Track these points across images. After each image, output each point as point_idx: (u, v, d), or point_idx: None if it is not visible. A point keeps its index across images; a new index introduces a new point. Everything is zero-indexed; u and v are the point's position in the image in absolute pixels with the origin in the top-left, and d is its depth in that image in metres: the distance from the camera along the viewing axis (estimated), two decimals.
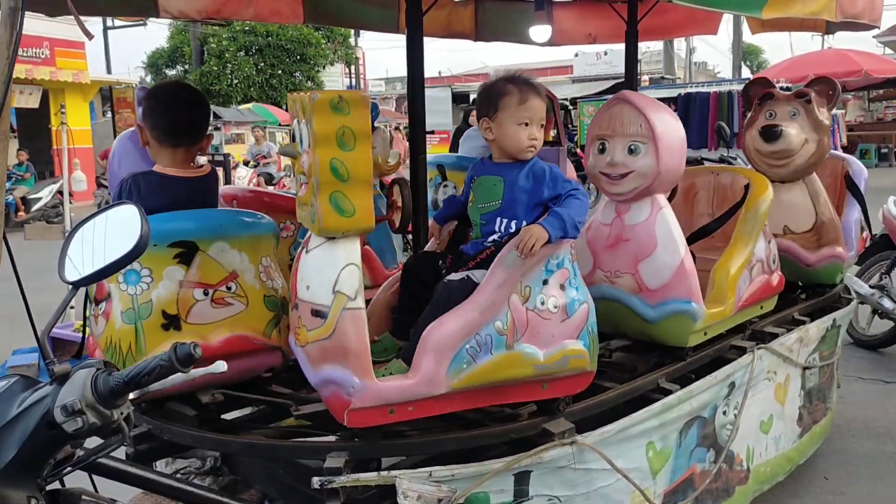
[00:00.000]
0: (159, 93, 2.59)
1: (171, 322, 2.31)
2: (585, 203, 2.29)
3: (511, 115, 2.35)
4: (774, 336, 3.31)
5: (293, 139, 2.09)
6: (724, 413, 2.98)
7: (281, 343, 2.52)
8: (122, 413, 1.33)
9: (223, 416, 2.54)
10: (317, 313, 2.06)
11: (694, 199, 3.63)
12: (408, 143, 3.15)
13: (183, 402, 2.43)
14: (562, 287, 2.30)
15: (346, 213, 1.97)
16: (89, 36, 1.96)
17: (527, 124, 2.36)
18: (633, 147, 2.73)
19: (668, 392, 2.71)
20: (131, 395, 1.35)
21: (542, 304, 2.24)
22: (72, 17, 3.10)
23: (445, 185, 4.18)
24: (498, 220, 2.38)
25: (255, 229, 2.53)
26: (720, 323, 2.97)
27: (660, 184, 2.76)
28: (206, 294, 2.36)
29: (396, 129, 22.13)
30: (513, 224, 2.34)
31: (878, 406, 4.58)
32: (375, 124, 4.63)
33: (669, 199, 3.00)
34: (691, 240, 3.17)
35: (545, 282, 2.26)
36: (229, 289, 2.40)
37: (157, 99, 2.52)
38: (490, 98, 2.40)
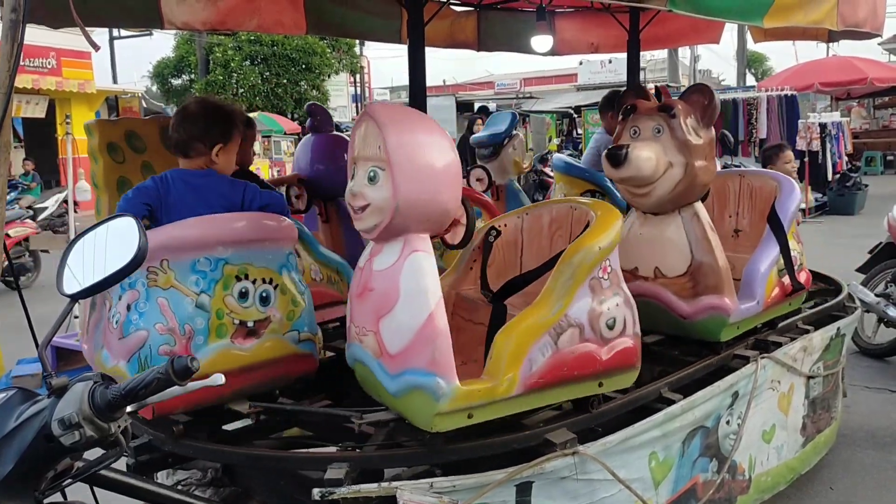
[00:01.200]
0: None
1: None
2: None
3: None
4: (778, 345, 3.31)
5: None
6: (728, 423, 2.96)
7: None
8: (119, 426, 1.34)
9: (224, 427, 2.54)
10: None
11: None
12: None
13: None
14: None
15: None
16: (95, 48, 1.98)
17: None
18: (372, 174, 2.15)
19: (670, 402, 2.70)
20: (129, 408, 1.35)
21: None
22: (77, 27, 3.14)
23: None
24: None
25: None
26: (488, 408, 2.23)
27: (406, 220, 2.14)
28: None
29: None
30: None
31: (884, 415, 4.55)
32: (514, 132, 4.98)
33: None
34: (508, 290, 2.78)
35: None
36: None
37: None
38: None
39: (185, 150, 2.53)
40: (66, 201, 10.86)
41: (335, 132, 3.92)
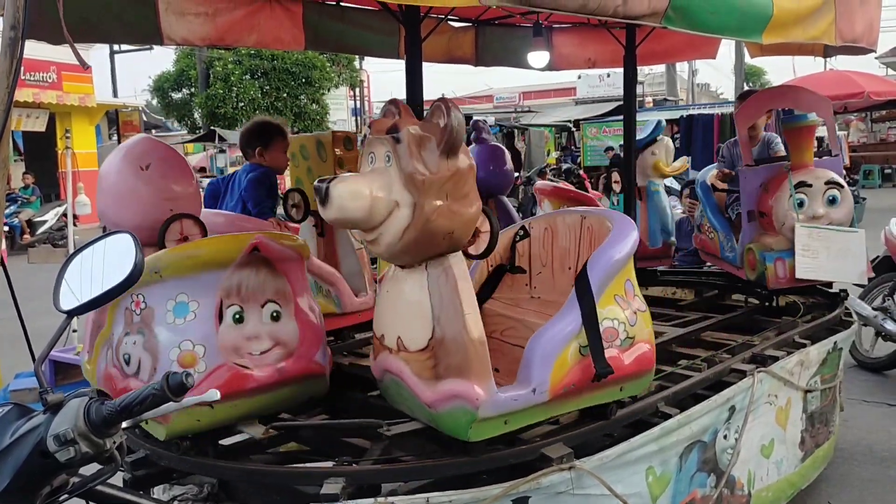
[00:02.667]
0: None
1: None
2: None
3: None
4: (775, 359, 3.31)
5: None
6: (725, 437, 2.96)
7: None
8: (114, 442, 1.34)
9: (220, 442, 2.54)
10: None
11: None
12: None
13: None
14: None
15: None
16: (85, 66, 1.99)
17: None
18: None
19: (667, 416, 2.70)
20: (124, 424, 1.35)
21: None
22: (80, 40, 3.16)
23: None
24: None
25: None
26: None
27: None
28: None
29: None
30: None
31: (882, 429, 4.55)
32: (659, 137, 5.18)
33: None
34: None
35: None
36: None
37: None
38: None
39: (244, 153, 3.85)
40: (65, 215, 10.89)
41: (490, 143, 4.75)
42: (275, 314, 2.42)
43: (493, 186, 4.60)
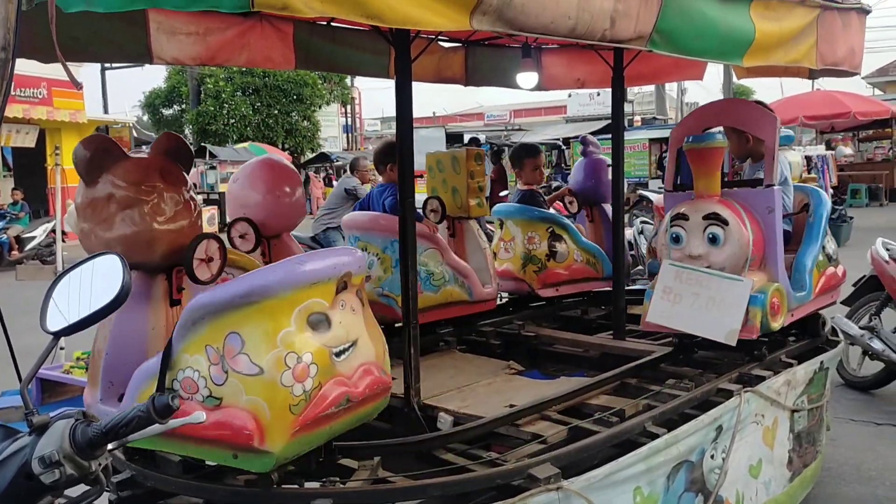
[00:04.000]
0: None
1: None
2: None
3: None
4: (761, 379, 3.32)
5: None
6: (712, 457, 2.97)
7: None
8: (100, 464, 1.34)
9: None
10: None
11: None
12: None
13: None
14: None
15: None
16: (77, 86, 2.00)
17: None
18: None
19: (654, 436, 2.71)
20: (109, 446, 1.35)
21: None
22: (71, 59, 3.17)
23: None
24: None
25: None
26: None
27: None
28: None
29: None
30: None
31: (869, 448, 4.56)
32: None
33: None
34: None
35: None
36: None
37: None
38: None
39: (377, 169, 4.56)
40: (54, 231, 10.84)
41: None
42: None
43: (596, 195, 5.30)
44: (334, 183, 18.86)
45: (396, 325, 3.63)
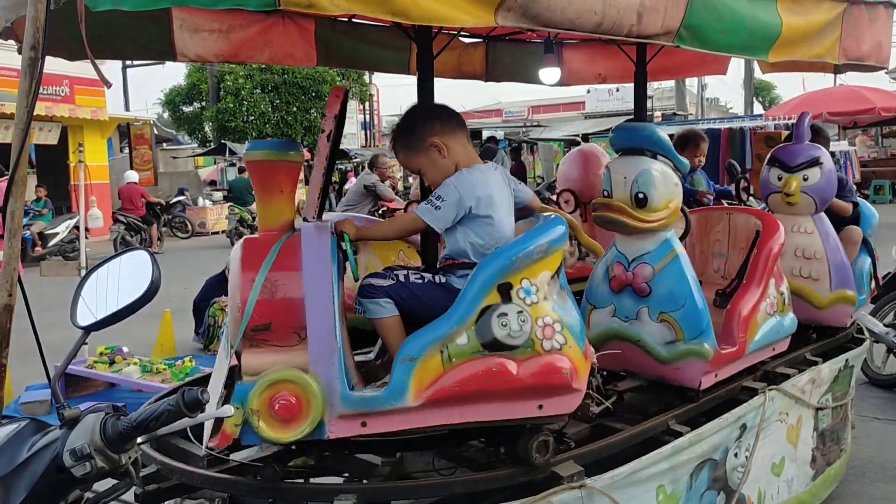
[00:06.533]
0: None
1: None
2: None
3: None
4: (786, 377, 3.29)
5: None
6: (736, 455, 2.95)
7: None
8: (130, 457, 1.35)
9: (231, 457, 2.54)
10: None
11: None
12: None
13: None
14: None
15: None
16: (108, 85, 2.01)
17: None
18: None
19: (678, 434, 2.70)
20: (139, 440, 1.36)
21: None
22: (96, 57, 3.19)
23: None
24: None
25: None
26: None
27: None
28: None
29: None
30: None
31: (894, 447, 4.51)
32: None
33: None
34: None
35: None
36: None
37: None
38: None
39: None
40: (77, 227, 10.95)
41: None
42: None
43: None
44: (352, 179, 18.91)
45: None
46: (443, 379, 2.09)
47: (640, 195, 2.83)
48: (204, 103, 28.12)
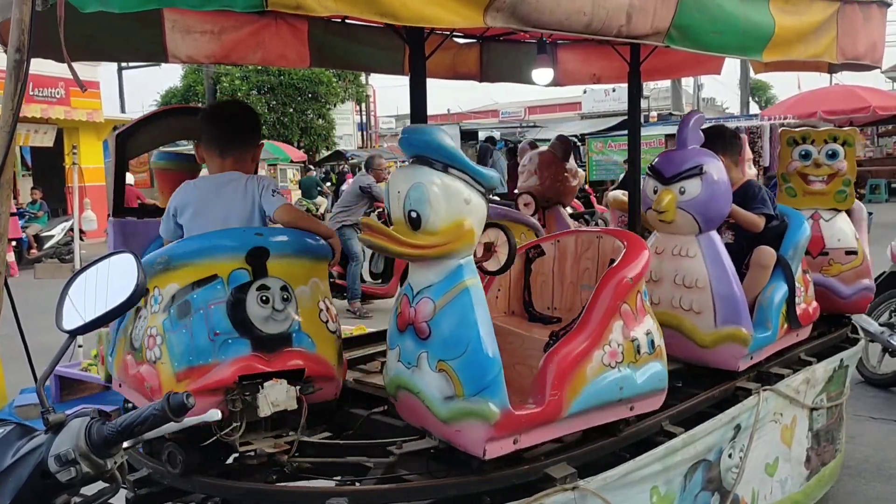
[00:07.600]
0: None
1: None
2: None
3: None
4: (780, 377, 3.29)
5: None
6: (730, 456, 2.95)
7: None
8: (116, 462, 1.34)
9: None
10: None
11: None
12: None
13: None
14: None
15: None
16: (83, 88, 2.01)
17: None
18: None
19: (672, 435, 2.69)
20: (125, 444, 1.35)
21: None
22: (87, 59, 3.19)
23: None
24: None
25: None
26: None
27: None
28: None
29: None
30: None
31: (889, 446, 4.52)
32: None
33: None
34: None
35: None
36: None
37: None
38: None
39: None
40: (72, 230, 10.94)
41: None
42: None
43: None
44: (349, 181, 18.97)
45: None
46: None
47: (413, 214, 2.16)
48: (200, 105, 28.13)
